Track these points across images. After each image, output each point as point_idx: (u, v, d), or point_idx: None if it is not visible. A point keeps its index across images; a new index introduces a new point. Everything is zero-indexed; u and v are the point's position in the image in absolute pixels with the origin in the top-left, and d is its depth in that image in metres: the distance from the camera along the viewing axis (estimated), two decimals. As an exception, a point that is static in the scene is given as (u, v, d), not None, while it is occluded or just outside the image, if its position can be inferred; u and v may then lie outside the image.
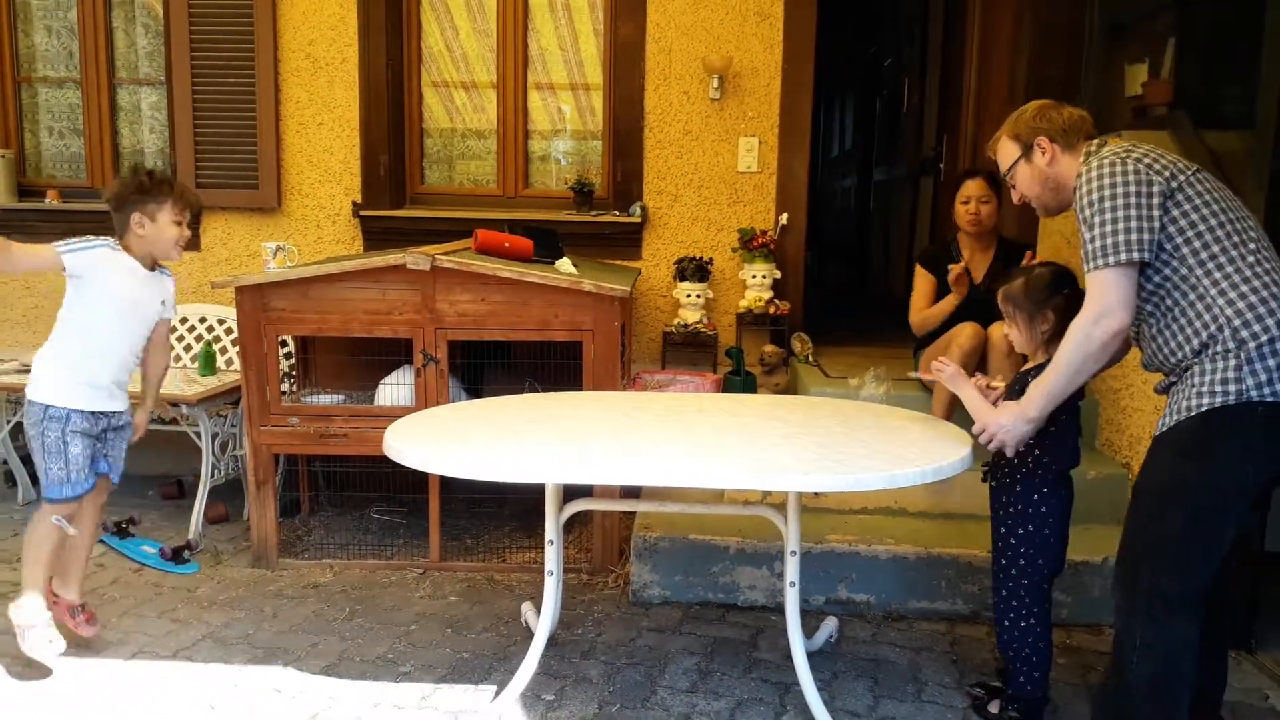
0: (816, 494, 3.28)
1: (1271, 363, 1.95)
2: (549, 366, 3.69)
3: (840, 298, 7.50)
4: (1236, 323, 1.97)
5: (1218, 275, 2.02)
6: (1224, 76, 3.44)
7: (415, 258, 3.29)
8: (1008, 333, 2.51)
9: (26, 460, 4.32)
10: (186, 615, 3.15)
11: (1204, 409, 2.00)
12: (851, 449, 2.32)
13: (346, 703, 2.63)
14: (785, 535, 2.62)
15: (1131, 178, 2.06)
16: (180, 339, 4.43)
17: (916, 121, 6.77)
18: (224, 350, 4.38)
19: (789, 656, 2.87)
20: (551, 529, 2.69)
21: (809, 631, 3.03)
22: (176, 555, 3.55)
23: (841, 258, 9.48)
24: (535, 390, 3.54)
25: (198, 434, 3.83)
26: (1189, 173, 2.08)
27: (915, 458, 2.25)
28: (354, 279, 3.37)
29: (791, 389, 4.21)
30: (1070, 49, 4.25)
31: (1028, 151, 2.35)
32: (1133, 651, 2.08)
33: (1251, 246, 2.04)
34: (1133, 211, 2.04)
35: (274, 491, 3.53)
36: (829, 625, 3.00)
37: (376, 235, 4.54)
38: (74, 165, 4.81)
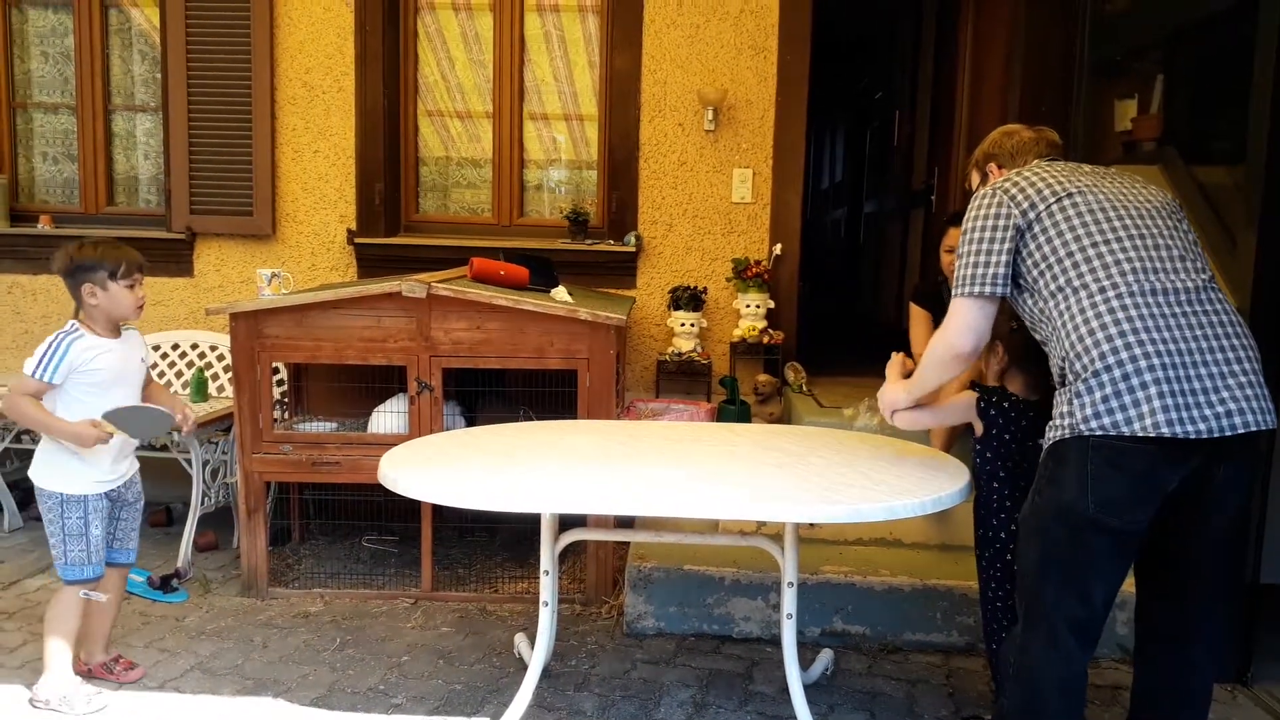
0: (811, 525, 3.27)
1: (1098, 395, 1.92)
2: (543, 395, 3.69)
3: (831, 328, 7.53)
4: (1071, 355, 1.99)
5: (1063, 307, 2.03)
6: (1213, 112, 3.50)
7: (411, 285, 3.28)
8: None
9: (13, 486, 4.27)
10: (175, 645, 3.11)
11: (1049, 442, 2.05)
12: (849, 479, 2.32)
13: (337, 735, 2.59)
14: (782, 566, 2.61)
15: (991, 211, 2.12)
16: (171, 365, 4.41)
17: (907, 155, 6.84)
18: (215, 377, 4.36)
19: (785, 689, 2.86)
20: (547, 559, 2.67)
21: (805, 664, 3.01)
22: (165, 584, 3.50)
23: (832, 288, 9.53)
24: (530, 418, 3.54)
25: (188, 461, 3.80)
26: (1054, 200, 2.08)
27: (913, 489, 2.25)
28: (349, 306, 3.36)
29: (785, 418, 4.21)
30: (1061, 84, 4.31)
31: (985, 178, 2.42)
32: (1006, 683, 2.13)
33: (1104, 274, 2.00)
34: (984, 247, 2.11)
35: (265, 520, 3.49)
36: (825, 658, 2.98)
37: (371, 263, 4.54)
38: (68, 191, 4.80)
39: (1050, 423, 2.07)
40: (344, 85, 4.44)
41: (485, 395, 3.79)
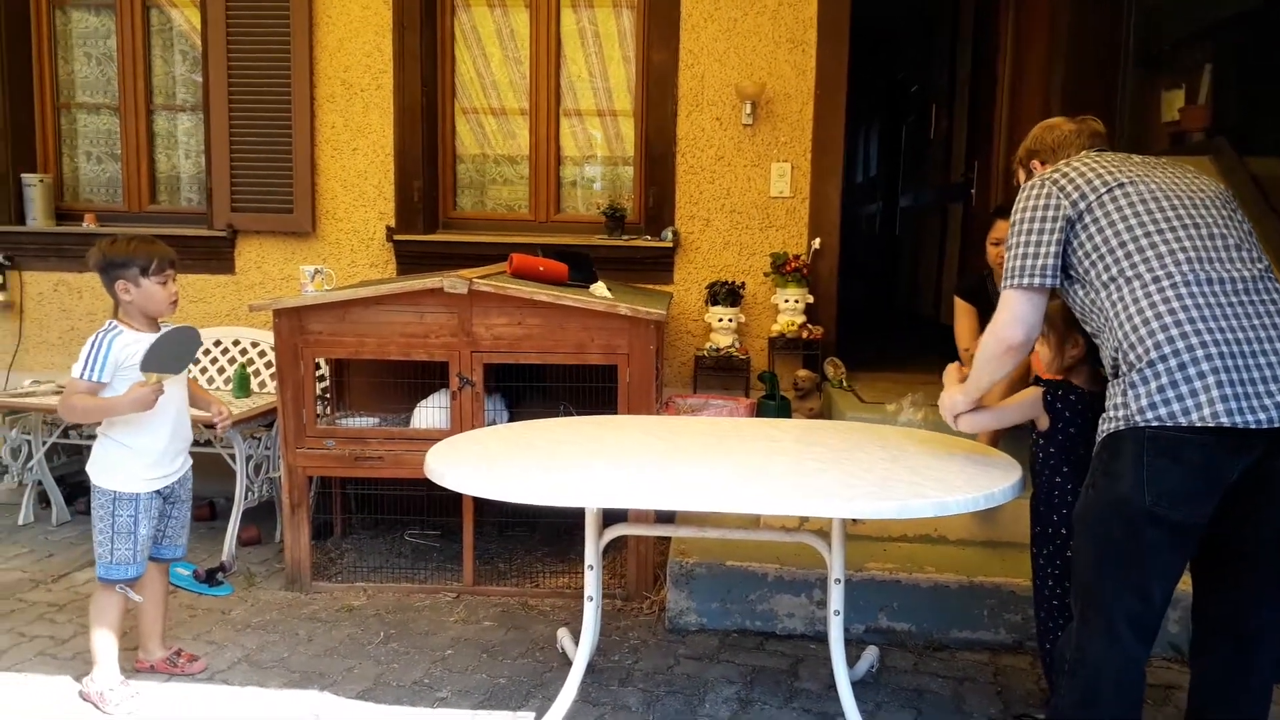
0: (855, 520, 3.25)
1: (1153, 385, 1.89)
2: (583, 390, 3.69)
3: (867, 322, 7.47)
4: (1125, 346, 1.96)
5: (1116, 298, 2.01)
6: (1267, 102, 3.42)
7: (453, 281, 3.29)
8: (1037, 349, 2.48)
9: (61, 481, 4.34)
10: (221, 638, 3.14)
11: (1103, 434, 2.01)
12: (897, 475, 2.30)
13: (384, 728, 2.61)
14: (829, 563, 2.59)
15: (1040, 203, 2.10)
16: (214, 361, 4.46)
17: (945, 148, 6.77)
18: (256, 373, 4.40)
19: (830, 686, 2.84)
20: (591, 554, 2.67)
21: (850, 661, 2.98)
22: (210, 577, 3.54)
23: (866, 283, 9.46)
24: (570, 413, 3.53)
25: (232, 456, 3.84)
26: (1104, 190, 2.06)
27: (964, 485, 2.22)
28: (391, 302, 3.38)
29: (825, 414, 4.18)
30: (1105, 75, 4.25)
31: (1029, 175, 2.40)
32: (1061, 679, 2.09)
33: (1158, 264, 1.97)
34: (1032, 238, 2.09)
35: (308, 514, 3.52)
36: (870, 655, 2.96)
37: (410, 259, 4.56)
38: (111, 189, 4.87)
39: (1104, 415, 2.03)
40: (382, 83, 4.46)
41: (525, 390, 3.79)
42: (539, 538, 4.02)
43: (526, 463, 2.43)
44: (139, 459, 2.69)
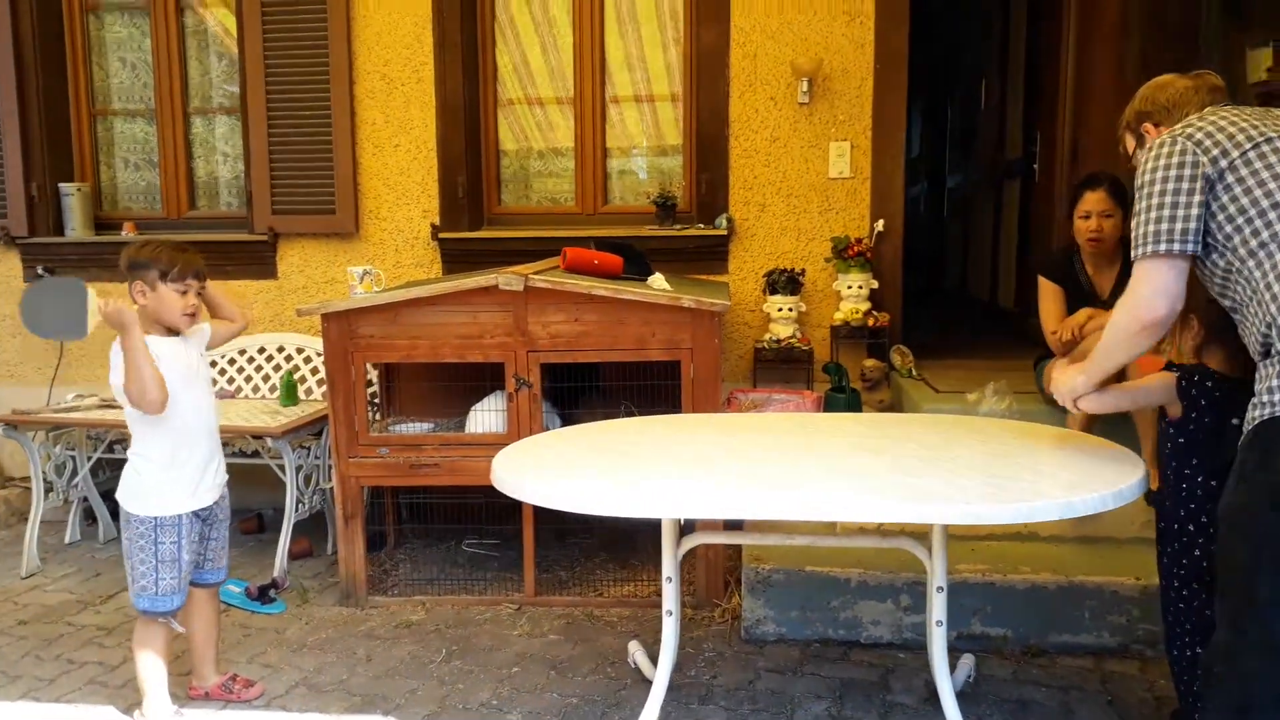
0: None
1: None
2: (642, 388, 3.51)
3: (919, 308, 7.23)
4: None
5: (1266, 266, 1.81)
6: None
7: (508, 278, 3.13)
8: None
9: (107, 496, 4.24)
10: (277, 660, 3.01)
11: (1255, 422, 1.80)
12: (1009, 473, 2.10)
13: (455, 756, 2.45)
14: (930, 569, 2.40)
15: (1175, 161, 1.90)
16: (259, 369, 4.33)
17: (997, 123, 6.50)
18: (303, 380, 4.27)
19: (926, 700, 2.66)
20: (669, 565, 2.49)
21: (946, 671, 2.80)
22: (263, 594, 3.41)
23: (915, 267, 9.18)
24: (632, 413, 3.36)
25: (280, 467, 3.70)
26: (1249, 146, 1.85)
27: (1085, 482, 2.02)
28: (444, 302, 3.22)
29: (896, 405, 3.97)
30: (1184, 34, 3.98)
31: (1140, 140, 2.18)
32: (1207, 694, 1.87)
33: None
34: (1169, 200, 1.89)
35: (363, 526, 3.38)
36: (967, 663, 2.75)
37: (455, 258, 4.40)
38: (150, 197, 4.76)
39: (1254, 400, 1.82)
40: (423, 75, 4.31)
41: (581, 391, 3.62)
42: (598, 543, 3.85)
43: (599, 470, 2.25)
44: (178, 478, 2.54)
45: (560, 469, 2.28)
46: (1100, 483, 2.00)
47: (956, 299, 7.64)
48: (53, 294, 2.36)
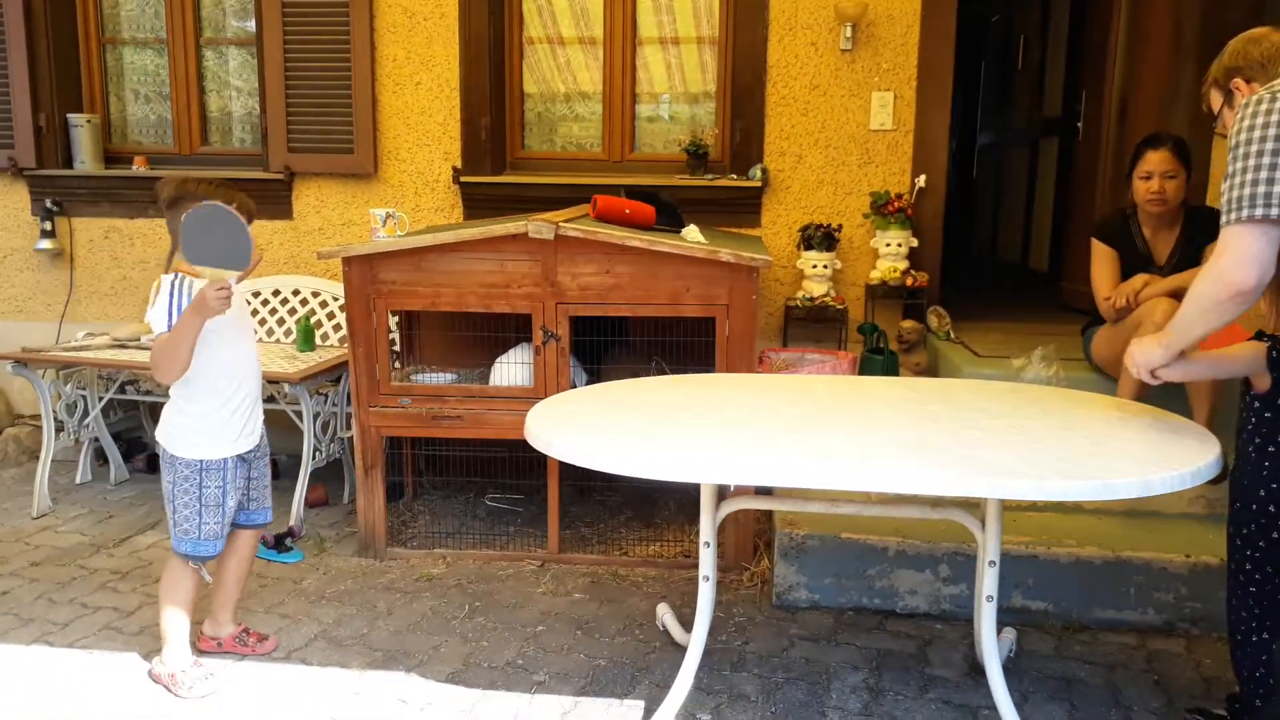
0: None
1: None
2: (672, 345, 3.39)
3: (949, 269, 7.07)
4: None
5: None
6: None
7: (538, 225, 2.99)
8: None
9: (118, 437, 4.15)
10: (295, 610, 2.93)
11: None
12: (1079, 446, 1.98)
13: (481, 717, 2.37)
14: (982, 543, 2.29)
15: (1274, 118, 1.77)
16: (273, 311, 4.21)
17: (1035, 81, 6.29)
18: (319, 324, 4.14)
19: (967, 674, 2.58)
20: (708, 529, 2.39)
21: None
22: (279, 543, 3.33)
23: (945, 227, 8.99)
24: (664, 371, 3.24)
25: (297, 413, 3.60)
26: None
27: (1159, 459, 1.90)
28: (471, 249, 3.09)
29: (932, 369, 3.85)
30: (1251, -12, 3.77)
31: (1228, 97, 2.02)
32: None
33: None
34: (1266, 160, 1.77)
35: (383, 476, 3.28)
36: (1008, 638, 2.67)
37: (477, 203, 4.26)
38: (160, 131, 4.60)
39: None
40: (446, 10, 4.12)
41: (611, 346, 3.50)
42: (621, 500, 3.75)
43: (637, 429, 2.14)
44: (228, 421, 2.44)
45: (599, 428, 2.16)
46: (1176, 460, 1.88)
47: (986, 261, 7.47)
48: (217, 223, 2.26)
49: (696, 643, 2.36)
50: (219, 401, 2.42)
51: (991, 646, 2.26)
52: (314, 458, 3.60)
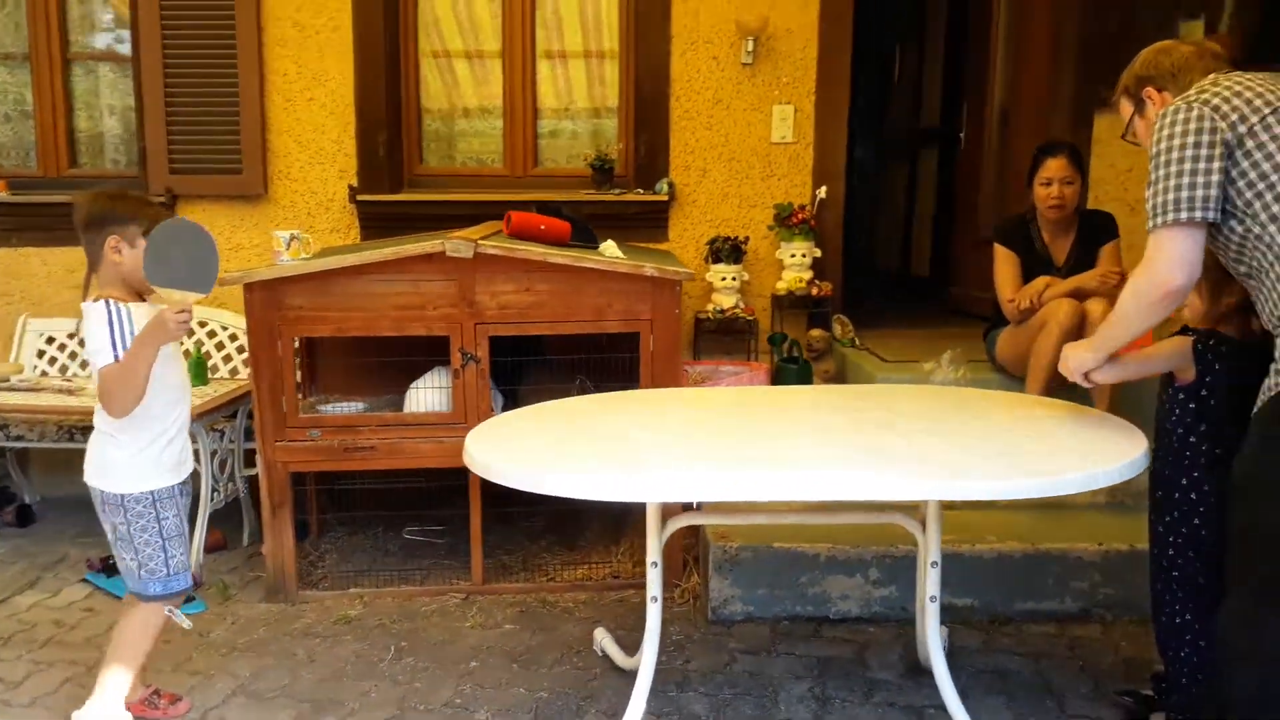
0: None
1: None
2: (594, 362, 3.34)
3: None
4: None
5: None
6: None
7: (455, 244, 2.90)
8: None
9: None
10: (206, 665, 2.73)
11: (1278, 389, 1.79)
12: (1018, 443, 2.04)
13: (425, 764, 2.26)
14: (923, 545, 2.33)
15: (1192, 126, 1.86)
16: (158, 345, 3.94)
17: (912, 91, 6.53)
18: (208, 355, 3.91)
19: (906, 674, 2.62)
20: (654, 549, 2.35)
21: (917, 644, 2.75)
22: (181, 592, 3.10)
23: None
24: (589, 389, 3.18)
25: (194, 452, 3.37)
26: (1269, 111, 1.83)
27: (1097, 453, 1.97)
28: (383, 270, 2.97)
29: (841, 376, 3.92)
30: (1121, 4, 3.99)
31: (1140, 106, 2.13)
32: (1233, 665, 1.85)
33: None
34: (1188, 167, 1.85)
35: (291, 515, 3.11)
36: (942, 635, 2.70)
37: (375, 222, 4.11)
38: (23, 153, 4.26)
39: (1275, 367, 1.79)
40: (340, 23, 3.97)
41: (523, 367, 3.42)
42: (543, 525, 3.67)
43: (592, 451, 2.08)
44: (164, 445, 2.27)
45: (549, 451, 2.09)
46: (1113, 453, 1.95)
47: (864, 268, 7.68)
48: (180, 241, 2.09)
49: (647, 666, 2.30)
50: (160, 429, 2.26)
51: (937, 647, 2.30)
52: (213, 499, 3.39)
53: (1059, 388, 2.95)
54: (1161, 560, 2.23)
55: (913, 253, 6.56)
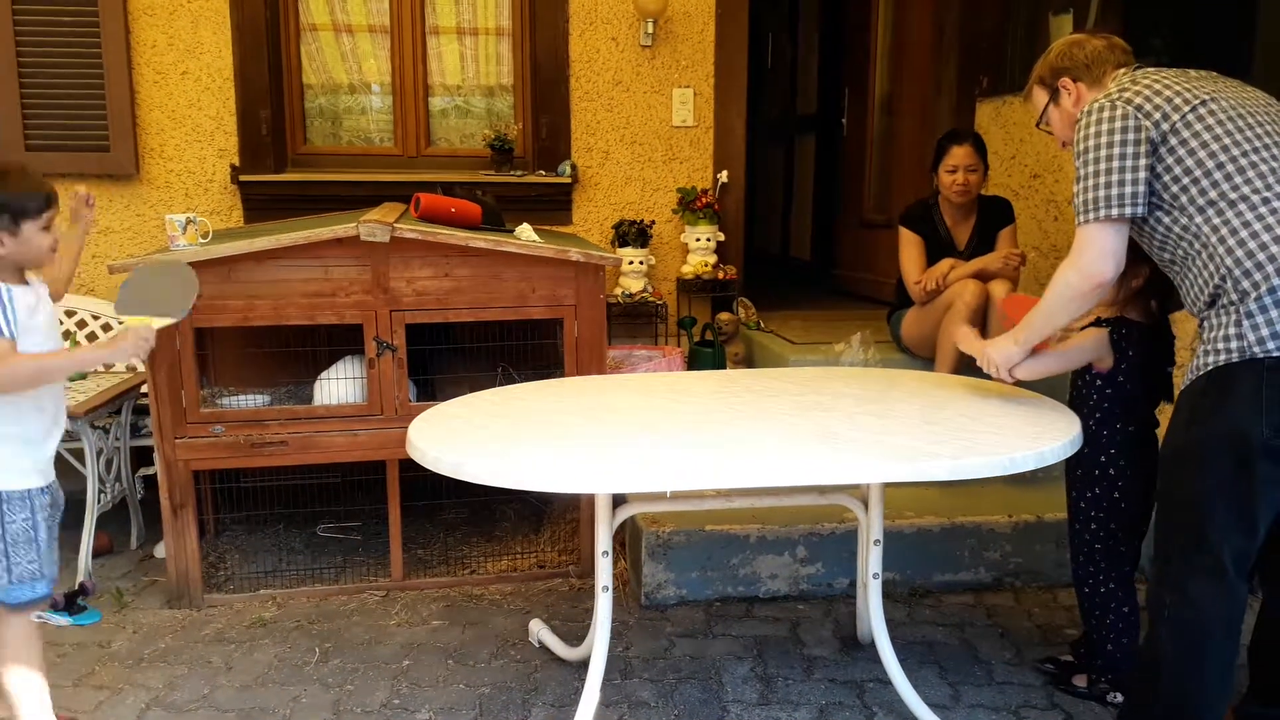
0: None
1: (1274, 314, 1.82)
2: (511, 350, 3.26)
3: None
4: (1237, 272, 1.86)
5: (1217, 222, 1.90)
6: (1161, 20, 3.35)
7: (371, 227, 2.76)
8: None
9: None
10: (112, 679, 2.53)
11: (1209, 368, 1.90)
12: (965, 426, 2.11)
13: (374, 772, 2.16)
14: (865, 524, 2.40)
15: (1118, 125, 1.96)
16: (18, 337, 3.60)
17: (788, 79, 6.66)
18: (79, 346, 3.59)
19: (841, 649, 2.70)
20: (605, 539, 2.31)
21: (843, 619, 2.84)
22: (70, 603, 2.81)
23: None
24: (513, 378, 3.11)
25: (74, 451, 3.11)
26: (1188, 109, 1.94)
27: (1038, 431, 2.06)
28: (290, 255, 2.80)
29: (750, 359, 3.97)
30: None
31: (1055, 95, 2.24)
32: (1160, 625, 1.99)
33: (1261, 184, 1.87)
34: (1114, 164, 1.95)
35: (194, 515, 2.91)
36: (872, 610, 2.80)
37: (260, 204, 3.88)
38: None
39: (1204, 348, 1.92)
40: (216, -9, 3.71)
41: (437, 355, 3.30)
42: (460, 516, 3.57)
43: (540, 441, 2.03)
44: (22, 444, 2.05)
45: (497, 442, 2.03)
46: (1054, 431, 2.05)
47: (746, 251, 7.82)
48: (161, 277, 2.16)
49: (599, 657, 2.27)
50: (17, 416, 2.05)
51: (880, 622, 2.37)
52: (99, 501, 3.13)
53: (965, 367, 3.09)
54: (1084, 534, 2.37)
55: (792, 236, 6.71)
